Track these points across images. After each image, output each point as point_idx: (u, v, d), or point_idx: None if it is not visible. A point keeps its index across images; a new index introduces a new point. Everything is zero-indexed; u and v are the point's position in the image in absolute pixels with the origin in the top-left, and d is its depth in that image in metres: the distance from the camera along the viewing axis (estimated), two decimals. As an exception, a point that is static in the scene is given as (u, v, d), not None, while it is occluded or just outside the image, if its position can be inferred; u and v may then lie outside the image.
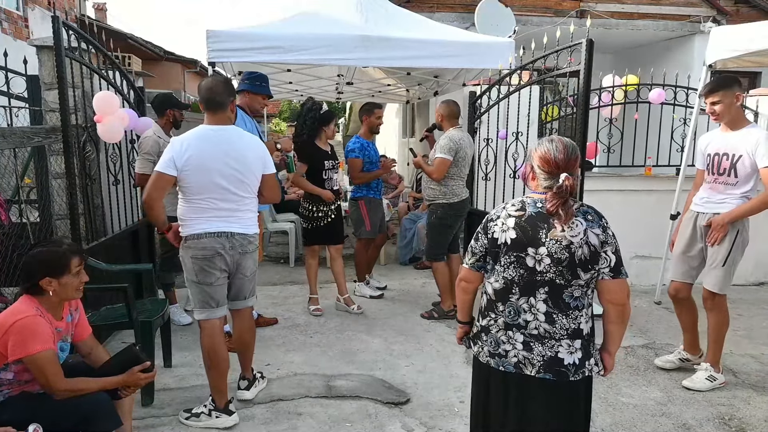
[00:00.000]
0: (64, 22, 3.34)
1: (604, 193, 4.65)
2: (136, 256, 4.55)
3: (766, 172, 3.03)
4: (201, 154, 2.68)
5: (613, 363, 1.95)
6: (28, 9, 8.35)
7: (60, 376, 2.08)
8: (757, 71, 8.41)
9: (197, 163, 2.67)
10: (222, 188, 2.71)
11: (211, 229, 2.72)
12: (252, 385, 3.12)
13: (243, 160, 2.75)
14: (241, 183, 2.75)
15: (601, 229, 1.80)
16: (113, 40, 4.32)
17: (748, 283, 5.55)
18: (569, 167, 1.81)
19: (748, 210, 3.12)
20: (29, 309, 2.09)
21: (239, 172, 2.74)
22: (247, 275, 2.89)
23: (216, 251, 2.73)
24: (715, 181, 3.25)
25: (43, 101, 4.01)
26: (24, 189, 4.01)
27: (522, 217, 1.83)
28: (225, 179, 2.71)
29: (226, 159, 2.71)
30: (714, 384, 3.25)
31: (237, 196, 2.76)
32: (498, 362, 1.88)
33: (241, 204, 2.79)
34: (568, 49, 3.78)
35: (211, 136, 2.73)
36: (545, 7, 7.99)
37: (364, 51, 4.83)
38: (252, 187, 2.82)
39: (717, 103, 3.15)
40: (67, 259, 2.16)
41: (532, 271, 1.82)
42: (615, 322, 1.87)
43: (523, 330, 1.84)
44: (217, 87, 2.77)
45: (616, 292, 1.82)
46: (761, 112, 5.47)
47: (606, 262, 1.80)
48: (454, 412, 2.97)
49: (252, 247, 2.87)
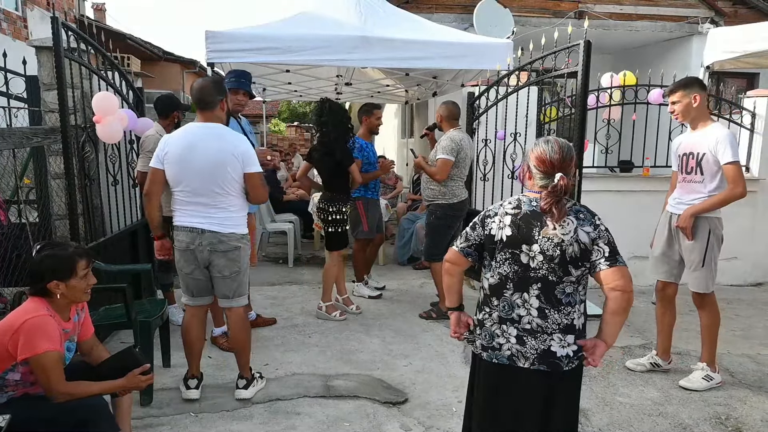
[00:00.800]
0: (63, 22, 3.35)
1: (601, 194, 4.67)
2: (134, 256, 4.55)
3: (728, 168, 3.07)
4: (179, 149, 2.83)
5: (603, 353, 1.91)
6: (27, 9, 8.36)
7: (62, 379, 2.09)
8: (755, 72, 8.43)
9: (174, 157, 2.82)
10: (196, 181, 2.82)
11: (185, 223, 2.89)
12: (250, 385, 3.14)
13: (220, 156, 2.82)
14: (214, 178, 2.82)
15: (592, 227, 1.85)
16: (112, 41, 4.32)
17: (746, 284, 5.57)
18: (564, 167, 1.87)
19: (711, 205, 3.16)
20: (40, 309, 2.10)
21: (214, 167, 2.81)
22: (224, 274, 2.93)
23: (187, 245, 2.88)
24: (684, 180, 3.30)
25: (42, 102, 4.02)
26: (23, 189, 4.01)
27: (518, 215, 1.90)
28: (199, 173, 2.81)
29: (204, 154, 2.81)
30: (711, 384, 3.27)
31: (212, 192, 2.84)
32: (491, 355, 1.94)
33: (217, 201, 2.86)
34: (566, 50, 3.79)
35: (195, 132, 2.87)
36: (543, 8, 8.01)
37: (362, 52, 4.84)
38: (228, 184, 2.85)
39: (676, 103, 3.22)
40: (74, 262, 2.17)
41: (525, 267, 1.88)
42: (618, 312, 1.86)
43: (517, 324, 1.90)
44: (207, 87, 2.90)
45: (617, 278, 1.82)
46: (758, 113, 5.48)
47: (600, 253, 1.84)
48: (452, 411, 2.98)
49: (224, 246, 2.88)
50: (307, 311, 4.55)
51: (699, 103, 3.18)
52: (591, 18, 7.49)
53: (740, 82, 8.97)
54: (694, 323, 4.38)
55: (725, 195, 3.12)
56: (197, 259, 2.90)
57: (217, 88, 2.92)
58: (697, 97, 3.17)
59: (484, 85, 4.90)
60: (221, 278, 2.94)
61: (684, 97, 3.20)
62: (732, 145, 3.07)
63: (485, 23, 7.16)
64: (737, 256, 5.56)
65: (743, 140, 5.61)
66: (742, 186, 3.07)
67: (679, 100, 3.21)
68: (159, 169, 2.86)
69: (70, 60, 3.50)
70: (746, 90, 7.78)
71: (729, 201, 3.14)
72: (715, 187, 3.15)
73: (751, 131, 5.54)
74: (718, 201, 3.15)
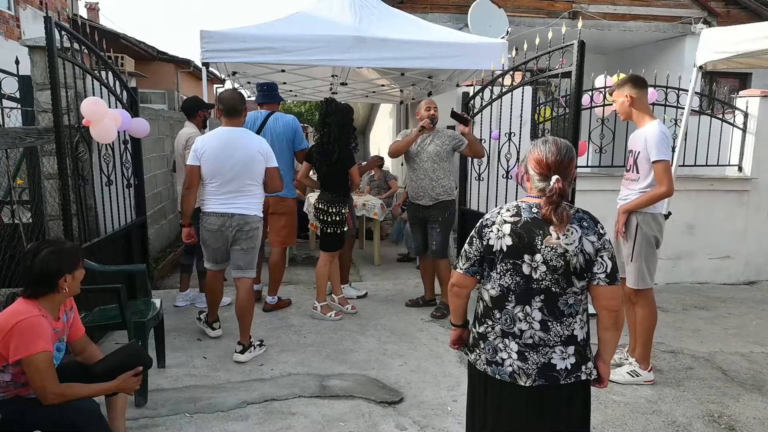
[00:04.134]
0: (56, 22, 3.33)
1: (595, 194, 4.68)
2: (129, 256, 4.54)
3: (656, 166, 3.09)
4: (214, 148, 3.48)
5: (608, 372, 1.91)
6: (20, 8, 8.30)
7: (54, 380, 2.07)
8: (748, 72, 8.49)
9: (210, 155, 3.47)
10: (230, 174, 3.46)
11: (216, 210, 3.52)
12: (246, 350, 3.58)
13: (247, 153, 3.47)
14: (244, 171, 3.47)
15: (596, 237, 1.77)
16: (106, 40, 4.30)
17: (739, 282, 5.62)
18: (562, 169, 1.77)
19: (638, 203, 3.20)
20: (31, 310, 2.09)
21: (242, 162, 3.46)
22: (242, 248, 3.56)
23: (219, 227, 3.52)
24: (624, 178, 3.35)
25: (36, 102, 4.00)
26: (16, 190, 3.99)
27: (517, 223, 1.80)
28: (230, 168, 3.45)
29: (233, 152, 3.46)
30: (635, 380, 3.26)
31: (240, 182, 3.47)
32: (495, 370, 1.85)
33: (244, 189, 3.50)
34: (560, 50, 3.81)
35: (226, 135, 3.53)
36: (538, 8, 8.03)
37: (358, 52, 4.85)
38: (255, 175, 3.51)
39: (614, 102, 3.31)
40: (79, 251, 2.26)
41: (528, 278, 1.78)
42: (609, 328, 1.83)
43: (518, 339, 1.82)
44: (237, 98, 3.61)
45: (610, 298, 1.78)
46: (751, 113, 5.52)
47: (602, 267, 1.76)
48: (447, 411, 2.99)
49: (248, 227, 3.53)
50: (303, 311, 4.55)
51: (633, 102, 3.21)
52: (585, 18, 7.52)
53: (733, 82, 9.04)
54: (688, 321, 4.43)
55: (651, 193, 3.15)
56: (226, 237, 3.54)
57: (242, 100, 3.61)
58: (629, 96, 3.20)
59: (479, 85, 4.91)
60: (240, 252, 3.56)
61: (618, 96, 3.25)
62: (660, 143, 3.08)
63: (480, 23, 7.18)
64: (730, 255, 5.60)
65: (736, 140, 5.66)
66: (666, 185, 3.08)
67: (615, 99, 3.29)
68: (196, 166, 3.49)
69: (63, 60, 3.48)
70: (739, 90, 7.84)
71: (655, 199, 3.16)
72: (647, 184, 3.17)
73: (744, 131, 5.59)
74: (645, 199, 3.18)
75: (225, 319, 4.23)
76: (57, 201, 3.79)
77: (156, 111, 7.29)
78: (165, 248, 6.66)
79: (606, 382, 1.90)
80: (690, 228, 5.46)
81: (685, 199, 5.06)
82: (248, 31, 4.82)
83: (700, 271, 5.58)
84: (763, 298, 5.17)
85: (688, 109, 4.72)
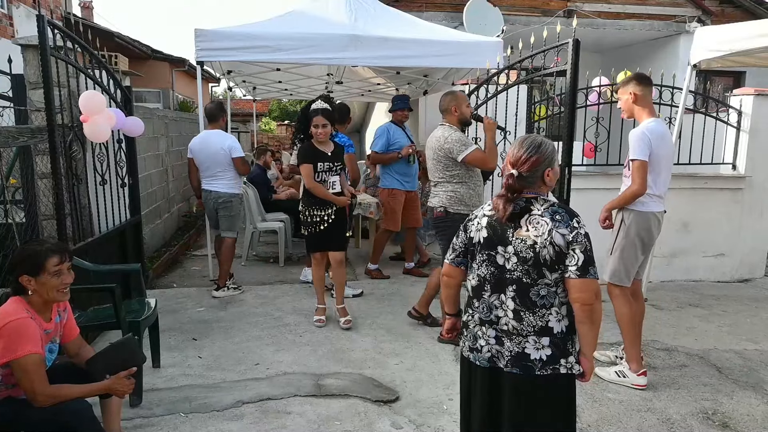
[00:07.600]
0: (49, 20, 3.31)
1: (590, 192, 4.70)
2: (123, 256, 4.52)
3: (633, 164, 3.11)
4: (197, 145, 4.84)
5: (590, 366, 1.91)
6: (13, 7, 8.24)
7: (44, 382, 2.05)
8: (742, 71, 8.54)
9: (195, 150, 4.85)
10: (205, 163, 4.81)
11: (204, 187, 4.88)
12: (221, 289, 4.82)
13: (213, 148, 4.75)
14: (213, 161, 4.77)
15: (568, 230, 1.80)
16: (100, 39, 4.29)
17: (733, 280, 5.64)
18: (521, 164, 1.86)
19: (617, 202, 3.22)
20: (19, 311, 2.07)
21: (211, 155, 4.77)
22: (222, 215, 4.88)
23: (206, 199, 4.91)
24: (622, 176, 3.36)
25: (29, 101, 3.97)
26: (9, 189, 3.96)
27: (494, 216, 1.91)
28: (204, 159, 4.81)
29: (206, 147, 4.78)
30: (621, 380, 3.25)
31: (213, 169, 4.80)
32: (476, 357, 1.94)
33: (216, 174, 4.81)
34: (555, 48, 3.81)
35: (205, 136, 4.85)
36: (533, 6, 8.04)
37: (353, 50, 4.84)
38: (221, 164, 4.77)
39: (619, 100, 3.32)
40: (43, 258, 2.11)
41: (501, 269, 1.88)
42: (584, 322, 1.84)
43: (495, 326, 1.90)
44: (215, 109, 4.91)
45: (581, 291, 1.79)
46: (745, 112, 5.54)
47: (573, 260, 1.79)
48: (442, 409, 2.99)
49: (221, 199, 4.81)
50: (298, 310, 4.54)
51: (636, 99, 3.21)
52: (580, 17, 7.54)
53: (727, 80, 9.08)
54: (682, 319, 4.45)
55: (627, 192, 3.16)
56: (211, 207, 4.88)
57: (219, 108, 4.94)
58: (633, 93, 3.20)
59: (474, 84, 4.91)
60: (222, 217, 4.87)
61: (623, 94, 3.26)
62: (638, 142, 3.08)
63: (475, 21, 7.19)
64: (724, 252, 5.63)
65: (730, 138, 5.68)
66: (637, 184, 3.09)
67: (619, 96, 3.29)
68: (191, 158, 4.91)
69: (56, 58, 3.47)
70: (733, 88, 7.87)
71: (629, 199, 3.17)
72: (632, 183, 3.18)
73: (738, 129, 5.61)
74: (622, 197, 3.20)
75: (224, 318, 4.22)
76: (51, 200, 3.77)
77: (151, 110, 7.26)
78: (160, 248, 6.63)
79: (588, 376, 1.92)
80: (684, 226, 5.48)
81: (679, 197, 5.08)
82: (243, 29, 4.81)
83: (695, 268, 5.60)
84: (757, 295, 5.19)
85: (682, 107, 4.74)
